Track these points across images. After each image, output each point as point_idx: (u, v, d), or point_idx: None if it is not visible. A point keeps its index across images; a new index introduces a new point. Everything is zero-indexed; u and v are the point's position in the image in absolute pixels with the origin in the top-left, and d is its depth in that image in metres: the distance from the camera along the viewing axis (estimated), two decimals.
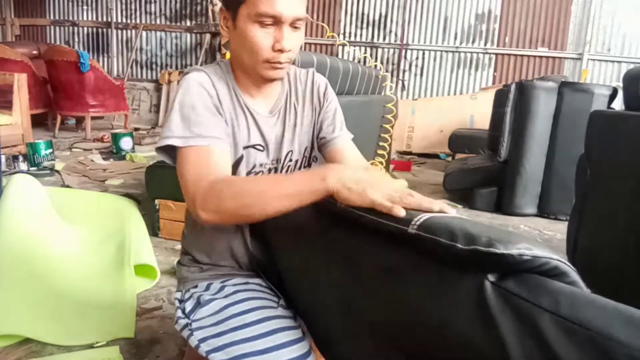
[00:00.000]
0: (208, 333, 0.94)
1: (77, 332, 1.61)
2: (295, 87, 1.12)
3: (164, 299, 1.90)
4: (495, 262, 0.55)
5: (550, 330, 0.49)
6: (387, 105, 3.66)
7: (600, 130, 1.94)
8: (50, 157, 4.18)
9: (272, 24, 0.92)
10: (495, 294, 0.55)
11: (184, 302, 1.05)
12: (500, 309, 0.54)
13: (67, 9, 7.87)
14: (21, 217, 2.05)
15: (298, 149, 1.11)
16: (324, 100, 1.14)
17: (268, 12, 0.90)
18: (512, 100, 3.51)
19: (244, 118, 1.01)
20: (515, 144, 3.38)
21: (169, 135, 0.91)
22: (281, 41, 0.92)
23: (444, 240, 0.58)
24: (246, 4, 0.91)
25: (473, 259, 0.56)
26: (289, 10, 0.91)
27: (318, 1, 6.87)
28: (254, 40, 0.93)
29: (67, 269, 1.94)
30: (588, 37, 6.13)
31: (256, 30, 0.92)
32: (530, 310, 0.52)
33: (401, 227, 0.64)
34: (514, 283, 0.54)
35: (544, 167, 3.34)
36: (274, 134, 1.06)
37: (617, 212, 1.79)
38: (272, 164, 1.07)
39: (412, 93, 6.82)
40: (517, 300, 0.53)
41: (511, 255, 0.53)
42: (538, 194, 3.39)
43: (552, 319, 0.50)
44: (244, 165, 1.03)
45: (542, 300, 0.51)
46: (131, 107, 7.26)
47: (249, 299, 0.98)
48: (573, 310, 0.49)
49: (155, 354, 1.54)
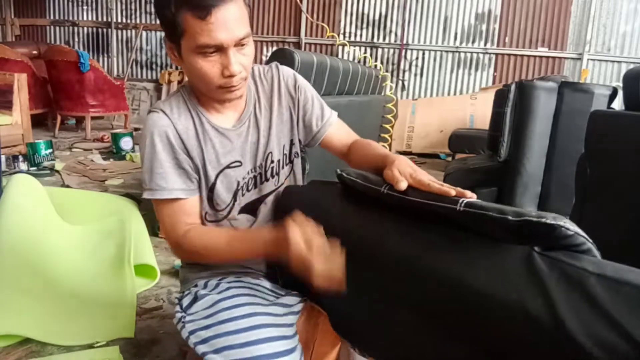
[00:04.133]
0: (197, 326, 0.95)
1: (77, 332, 1.61)
2: (262, 87, 1.10)
3: (164, 299, 1.90)
4: (542, 234, 0.62)
5: (596, 288, 0.56)
6: (387, 105, 3.66)
7: (600, 130, 1.94)
8: (50, 157, 4.18)
9: (215, 51, 0.90)
10: (543, 261, 0.61)
11: (183, 299, 1.06)
12: (548, 273, 0.60)
13: (67, 9, 7.87)
14: (21, 217, 2.05)
15: (277, 149, 1.10)
16: (298, 93, 1.12)
17: (209, 43, 0.89)
18: (512, 100, 3.51)
19: (213, 140, 1.02)
20: (515, 144, 3.38)
21: (143, 187, 1.00)
22: (229, 67, 0.91)
23: (495, 214, 0.64)
24: (185, 37, 0.90)
25: (522, 231, 0.62)
26: (229, 35, 0.89)
27: (318, 1, 6.87)
28: (202, 71, 0.92)
29: (67, 269, 1.94)
30: (588, 37, 6.13)
31: (201, 61, 0.91)
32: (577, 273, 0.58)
33: (449, 205, 0.70)
34: (558, 253, 0.61)
35: (544, 167, 3.34)
36: (250, 142, 1.06)
37: (617, 211, 1.79)
38: (255, 171, 1.08)
39: (412, 93, 6.82)
40: (564, 266, 0.60)
41: (559, 227, 0.60)
42: (538, 194, 3.39)
43: (599, 279, 0.56)
44: (223, 189, 1.04)
45: (588, 266, 0.58)
46: (131, 107, 7.25)
47: (240, 295, 0.99)
48: (617, 273, 0.56)
49: (155, 354, 1.54)
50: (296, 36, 7.00)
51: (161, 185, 0.98)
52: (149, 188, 0.98)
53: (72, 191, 3.07)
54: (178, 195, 0.99)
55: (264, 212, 1.11)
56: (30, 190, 2.27)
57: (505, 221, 0.63)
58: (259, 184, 1.09)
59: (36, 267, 1.86)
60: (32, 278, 1.80)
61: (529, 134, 3.29)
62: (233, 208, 1.07)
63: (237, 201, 1.07)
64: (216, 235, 1.00)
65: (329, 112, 1.15)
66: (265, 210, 1.11)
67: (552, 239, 0.62)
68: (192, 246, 0.98)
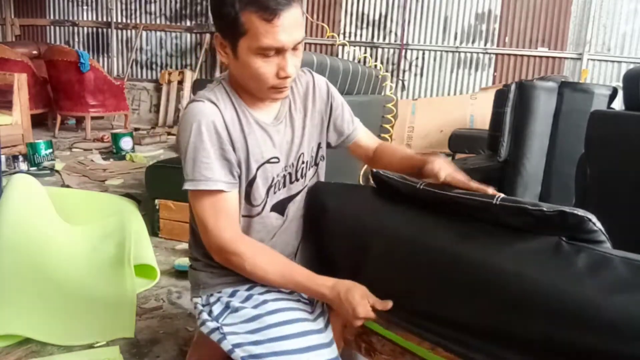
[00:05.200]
0: (243, 339, 0.96)
1: (77, 332, 1.61)
2: (297, 90, 1.13)
3: (164, 299, 1.91)
4: (571, 225, 0.69)
5: (621, 267, 0.63)
6: (387, 105, 3.66)
7: (600, 130, 1.94)
8: (50, 157, 4.18)
9: (275, 54, 0.92)
10: (570, 247, 0.69)
11: (210, 306, 1.05)
12: (575, 256, 0.68)
13: (67, 9, 7.86)
14: (21, 217, 2.05)
15: (308, 151, 1.13)
16: (331, 99, 1.16)
17: (271, 45, 0.90)
18: (512, 100, 3.50)
19: (255, 133, 1.02)
20: (515, 144, 3.38)
21: (185, 178, 0.97)
22: (286, 69, 0.94)
23: (530, 207, 0.72)
24: (247, 37, 0.90)
25: (553, 222, 0.70)
26: (291, 39, 0.91)
27: (318, 1, 6.86)
28: (259, 71, 0.93)
29: (67, 269, 1.94)
30: (588, 37, 6.12)
31: (260, 61, 0.92)
32: (601, 255, 0.67)
33: (486, 200, 0.79)
34: (584, 242, 0.70)
35: (544, 167, 3.34)
36: (285, 140, 1.08)
37: (617, 211, 1.79)
38: (287, 169, 1.09)
39: (412, 93, 6.82)
40: (589, 250, 0.68)
41: (588, 220, 0.68)
42: (538, 194, 3.39)
43: (622, 261, 0.64)
44: (261, 183, 1.04)
45: (611, 251, 0.66)
46: (131, 107, 7.25)
47: (284, 309, 1.00)
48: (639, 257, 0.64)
49: (155, 354, 1.54)
50: None
51: (206, 176, 0.95)
52: (192, 179, 0.96)
53: (72, 191, 3.07)
54: (222, 188, 0.96)
55: (293, 211, 1.13)
56: (30, 191, 2.27)
57: (540, 212, 0.71)
58: (288, 184, 1.11)
59: (36, 267, 1.86)
60: (32, 278, 1.80)
61: (529, 134, 3.28)
62: (266, 204, 1.08)
63: (269, 198, 1.08)
64: (271, 259, 0.99)
65: (356, 118, 1.23)
66: (294, 209, 1.13)
67: (578, 231, 0.70)
68: (240, 260, 0.96)
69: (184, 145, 0.96)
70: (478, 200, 0.80)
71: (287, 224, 1.13)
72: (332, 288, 0.93)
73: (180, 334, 1.65)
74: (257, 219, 1.07)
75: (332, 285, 0.93)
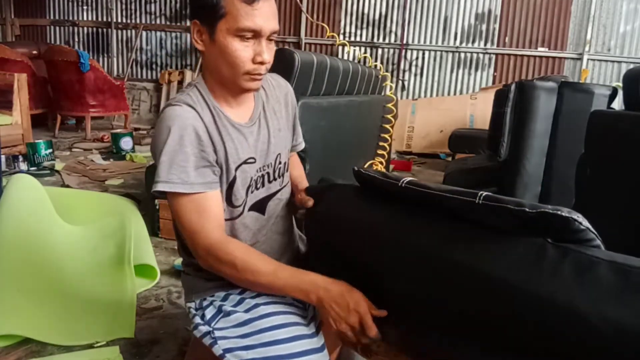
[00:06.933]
0: (234, 344, 0.95)
1: (77, 332, 1.61)
2: (270, 91, 1.15)
3: (164, 299, 1.91)
4: (556, 226, 0.65)
5: (607, 272, 0.59)
6: (387, 105, 3.66)
7: (600, 130, 1.94)
8: (50, 157, 4.18)
9: (252, 37, 0.95)
10: (555, 250, 0.65)
11: (202, 310, 1.05)
12: (561, 260, 0.63)
13: (67, 9, 7.86)
14: (21, 217, 2.05)
15: (284, 151, 1.16)
16: (294, 105, 1.22)
17: (249, 27, 0.93)
18: (512, 100, 3.51)
19: (231, 135, 1.02)
20: (515, 144, 3.38)
21: (157, 180, 0.95)
22: (262, 54, 0.96)
23: (512, 207, 0.67)
24: (226, 19, 0.93)
25: (537, 222, 0.66)
26: (268, 24, 0.95)
27: (318, 1, 6.87)
28: (235, 54, 0.95)
29: (67, 269, 1.94)
30: (588, 37, 6.13)
31: (237, 44, 0.94)
32: (588, 259, 0.62)
33: (468, 198, 0.73)
34: (570, 245, 0.65)
35: (544, 167, 3.34)
36: (261, 141, 1.08)
37: (617, 212, 1.79)
38: (264, 169, 1.10)
39: (412, 93, 6.82)
40: (576, 254, 0.63)
41: (573, 220, 0.64)
42: (538, 194, 3.39)
43: (609, 265, 0.60)
44: (240, 184, 1.05)
45: (598, 254, 0.62)
46: (131, 107, 7.25)
47: (276, 313, 0.99)
48: (626, 260, 0.60)
49: (155, 354, 1.54)
50: (296, 36, 7.00)
51: (183, 179, 0.94)
52: (165, 180, 0.94)
53: (72, 191, 3.07)
54: (201, 190, 0.96)
55: (272, 208, 1.14)
56: (30, 190, 2.27)
57: (523, 212, 0.66)
58: (266, 183, 1.12)
59: (36, 267, 1.86)
60: (32, 278, 1.80)
61: (529, 134, 3.28)
62: (246, 204, 1.08)
63: (249, 197, 1.08)
64: (262, 257, 0.97)
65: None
66: (273, 206, 1.14)
67: (565, 231, 0.65)
68: (231, 257, 0.94)
69: (159, 148, 0.95)
70: (460, 198, 0.75)
71: (269, 224, 1.13)
72: (326, 289, 0.90)
73: (180, 334, 1.65)
74: (238, 220, 1.07)
75: (325, 285, 0.91)
